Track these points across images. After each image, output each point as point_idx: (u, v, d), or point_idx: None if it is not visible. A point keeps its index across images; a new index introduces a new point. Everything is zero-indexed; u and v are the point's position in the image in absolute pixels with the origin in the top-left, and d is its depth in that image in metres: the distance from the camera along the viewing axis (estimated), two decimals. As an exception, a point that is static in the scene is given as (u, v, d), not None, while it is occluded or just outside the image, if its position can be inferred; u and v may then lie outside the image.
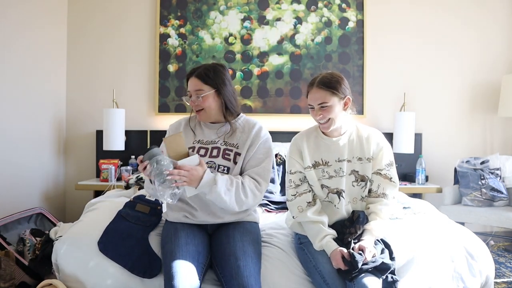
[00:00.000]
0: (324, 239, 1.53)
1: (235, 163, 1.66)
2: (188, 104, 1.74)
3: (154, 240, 1.68)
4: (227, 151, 1.67)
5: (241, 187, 1.58)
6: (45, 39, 3.21)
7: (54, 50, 3.34)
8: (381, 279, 1.44)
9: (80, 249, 1.61)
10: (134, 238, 1.66)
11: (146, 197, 1.94)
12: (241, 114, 1.80)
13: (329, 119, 1.59)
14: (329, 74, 1.62)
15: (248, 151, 1.67)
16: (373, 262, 1.44)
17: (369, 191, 1.66)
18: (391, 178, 1.64)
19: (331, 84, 1.59)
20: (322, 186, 1.65)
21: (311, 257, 1.56)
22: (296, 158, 1.68)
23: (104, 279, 1.57)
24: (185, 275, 1.40)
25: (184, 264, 1.43)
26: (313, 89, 1.61)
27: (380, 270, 1.45)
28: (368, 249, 1.47)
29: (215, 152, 1.67)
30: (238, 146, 1.68)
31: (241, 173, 1.67)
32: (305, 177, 1.67)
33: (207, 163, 1.61)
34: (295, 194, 1.65)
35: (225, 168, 1.64)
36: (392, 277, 1.46)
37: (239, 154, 1.67)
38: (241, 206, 1.59)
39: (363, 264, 1.42)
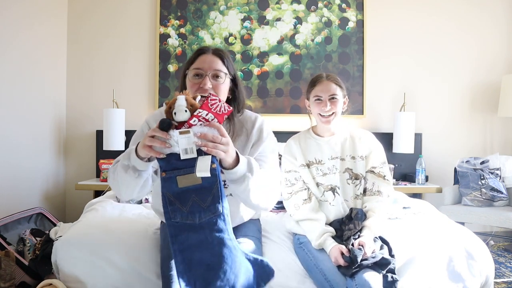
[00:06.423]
0: (322, 237, 1.56)
1: None
2: (190, 81, 1.42)
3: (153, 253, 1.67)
4: None
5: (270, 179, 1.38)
6: (45, 39, 3.21)
7: (54, 50, 3.34)
8: (381, 274, 1.44)
9: (80, 249, 1.61)
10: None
11: (182, 158, 1.15)
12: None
13: (333, 113, 1.69)
14: (332, 74, 1.77)
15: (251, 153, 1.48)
16: (373, 257, 1.45)
17: (364, 190, 1.71)
18: (384, 176, 1.70)
19: (339, 81, 1.73)
20: (318, 184, 1.70)
21: (311, 256, 1.57)
22: (290, 158, 1.75)
23: (104, 279, 1.57)
24: None
25: None
26: (323, 81, 1.70)
27: (380, 265, 1.46)
28: (368, 245, 1.49)
29: None
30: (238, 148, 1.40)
31: None
32: (300, 176, 1.72)
33: None
34: (291, 193, 1.70)
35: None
36: (392, 277, 1.46)
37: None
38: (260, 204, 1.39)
39: (362, 260, 1.43)
